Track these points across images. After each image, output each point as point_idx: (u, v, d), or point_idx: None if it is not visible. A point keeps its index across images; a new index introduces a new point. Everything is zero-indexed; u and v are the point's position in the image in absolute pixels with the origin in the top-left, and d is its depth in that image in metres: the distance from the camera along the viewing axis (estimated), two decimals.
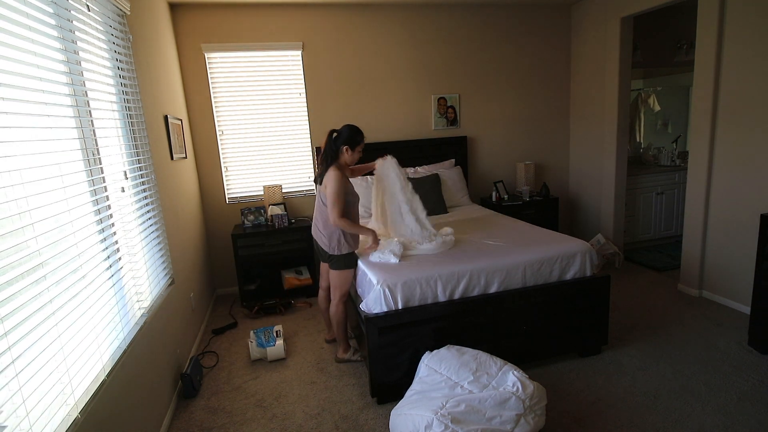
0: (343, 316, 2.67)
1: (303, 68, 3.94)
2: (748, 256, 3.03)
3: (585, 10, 4.27)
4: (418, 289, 2.29)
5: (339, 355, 2.76)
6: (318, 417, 2.25)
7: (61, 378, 1.37)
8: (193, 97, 3.79)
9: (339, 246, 2.54)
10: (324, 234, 2.57)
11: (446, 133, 4.38)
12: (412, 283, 2.28)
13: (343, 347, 2.74)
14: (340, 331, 2.69)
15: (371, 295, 2.28)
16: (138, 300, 2.13)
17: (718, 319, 3.01)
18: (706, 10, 3.09)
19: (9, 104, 1.27)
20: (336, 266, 2.58)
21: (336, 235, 2.54)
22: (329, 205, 2.45)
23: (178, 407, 2.40)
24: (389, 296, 2.24)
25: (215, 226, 4.02)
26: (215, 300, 3.99)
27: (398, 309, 2.26)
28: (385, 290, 2.24)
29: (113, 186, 2.01)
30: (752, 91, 2.88)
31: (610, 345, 2.75)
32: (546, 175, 4.75)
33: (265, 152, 4.02)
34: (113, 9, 2.16)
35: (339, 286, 2.62)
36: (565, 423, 2.09)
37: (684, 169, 4.44)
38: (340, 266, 2.58)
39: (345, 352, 2.74)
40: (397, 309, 2.25)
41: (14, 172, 1.25)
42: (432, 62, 4.21)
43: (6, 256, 1.17)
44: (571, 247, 2.55)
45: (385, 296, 2.24)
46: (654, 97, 4.86)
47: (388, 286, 2.24)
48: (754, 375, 2.37)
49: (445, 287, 2.32)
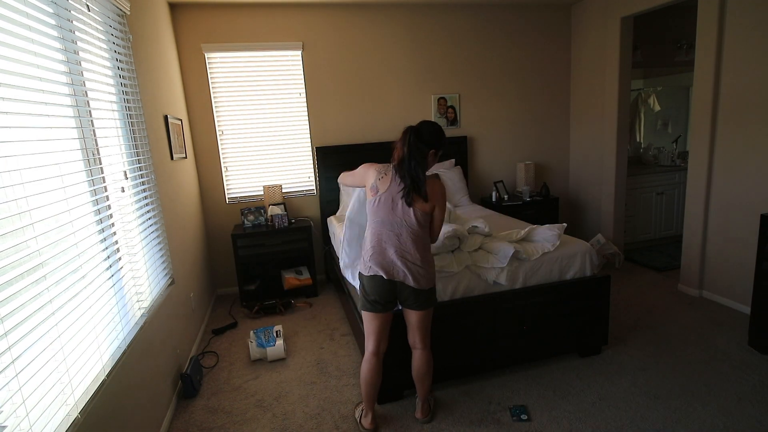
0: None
1: (303, 68, 3.94)
2: (748, 256, 3.03)
3: (585, 10, 4.27)
4: None
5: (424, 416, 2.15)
6: (318, 417, 2.25)
7: (61, 378, 1.36)
8: (193, 97, 3.79)
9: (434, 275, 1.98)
10: (423, 265, 1.89)
11: (446, 133, 4.35)
12: None
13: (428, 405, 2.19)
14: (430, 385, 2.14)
15: None
16: (138, 300, 2.13)
17: (718, 319, 3.01)
18: (706, 10, 3.09)
19: (9, 104, 1.27)
20: (430, 302, 1.97)
21: (431, 261, 1.96)
22: (440, 224, 1.93)
23: (178, 407, 2.40)
24: None
25: (215, 226, 4.02)
26: (215, 300, 3.99)
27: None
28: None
29: (113, 186, 2.01)
30: (752, 91, 2.88)
31: (610, 345, 2.75)
32: (546, 175, 4.75)
33: (265, 152, 4.02)
34: (113, 9, 2.16)
35: (429, 326, 2.03)
36: (565, 423, 2.09)
37: (684, 169, 4.44)
38: (433, 300, 2.00)
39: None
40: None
41: (14, 172, 1.25)
42: (432, 62, 4.21)
43: (6, 256, 1.17)
44: (571, 247, 2.55)
45: None
46: (654, 97, 4.87)
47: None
48: (754, 375, 2.37)
49: (446, 287, 2.32)
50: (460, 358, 2.38)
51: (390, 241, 1.86)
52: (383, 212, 1.86)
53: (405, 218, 1.85)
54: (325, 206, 4.09)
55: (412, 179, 1.82)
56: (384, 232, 1.87)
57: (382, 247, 1.87)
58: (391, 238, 1.86)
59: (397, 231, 1.86)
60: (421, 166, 1.83)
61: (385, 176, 1.88)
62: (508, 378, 2.47)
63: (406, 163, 1.83)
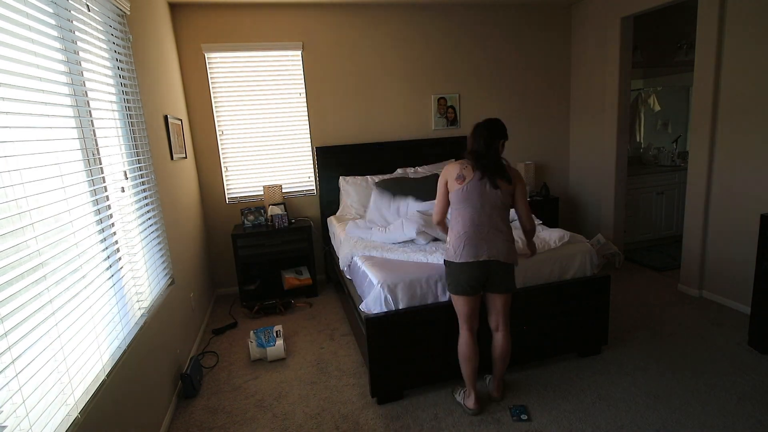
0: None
1: (303, 68, 3.94)
2: (748, 256, 3.03)
3: (585, 10, 4.27)
4: (419, 290, 2.28)
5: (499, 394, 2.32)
6: (318, 417, 2.25)
7: (61, 378, 1.37)
8: (193, 97, 3.79)
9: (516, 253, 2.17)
10: (510, 240, 2.11)
11: (446, 133, 4.38)
12: (412, 283, 2.28)
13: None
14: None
15: (371, 295, 2.28)
16: (138, 300, 2.13)
17: (718, 319, 3.01)
18: (706, 10, 3.08)
19: (9, 104, 1.27)
20: (513, 285, 2.17)
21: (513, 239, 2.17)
22: (527, 201, 2.17)
23: (178, 407, 2.40)
24: (389, 296, 2.23)
25: (215, 226, 4.02)
26: (215, 300, 3.99)
27: (398, 309, 2.25)
28: (385, 290, 2.23)
29: (113, 186, 2.01)
30: (752, 91, 2.88)
31: (610, 345, 2.75)
32: (546, 175, 4.75)
33: (265, 152, 4.02)
34: (113, 9, 2.16)
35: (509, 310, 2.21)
36: (565, 423, 2.09)
37: (684, 169, 4.44)
38: (514, 285, 2.18)
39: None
40: (397, 309, 2.25)
41: (14, 172, 1.25)
42: (432, 62, 4.21)
43: (6, 256, 1.17)
44: (571, 247, 2.55)
45: (385, 296, 2.23)
46: (654, 97, 4.87)
47: (388, 286, 2.24)
48: (754, 375, 2.37)
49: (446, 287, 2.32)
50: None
51: (482, 222, 2.07)
52: (474, 197, 2.06)
53: (494, 200, 2.07)
54: (325, 206, 4.09)
55: (495, 165, 2.07)
56: (475, 215, 2.07)
57: (474, 229, 2.06)
58: (483, 219, 2.07)
59: (488, 212, 2.08)
60: (498, 155, 2.10)
61: (468, 167, 2.09)
62: (508, 378, 2.47)
63: (486, 153, 2.07)
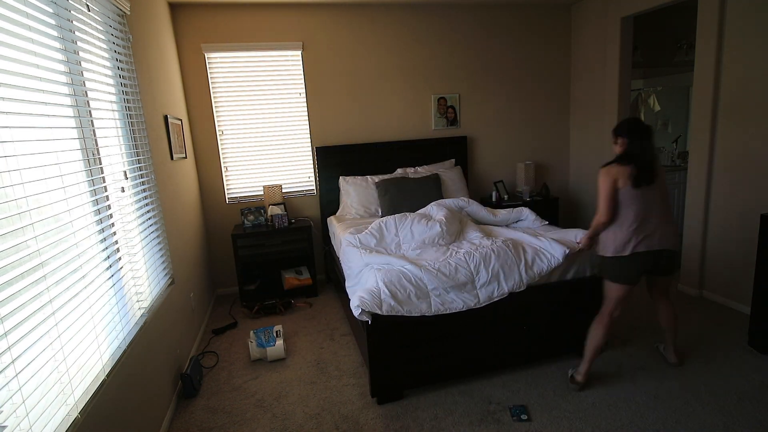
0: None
1: (303, 68, 3.94)
2: (748, 256, 3.03)
3: (585, 10, 4.27)
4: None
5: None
6: (318, 417, 2.25)
7: (61, 378, 1.37)
8: (193, 97, 3.79)
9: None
10: (675, 225, 2.27)
11: (446, 133, 4.38)
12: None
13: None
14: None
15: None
16: (138, 300, 2.13)
17: (718, 319, 3.01)
18: (706, 10, 3.09)
19: (9, 104, 1.27)
20: (675, 266, 2.34)
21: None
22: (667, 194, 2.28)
23: (178, 407, 2.40)
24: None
25: (215, 226, 4.02)
26: (215, 300, 3.99)
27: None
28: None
29: (113, 186, 2.01)
30: (752, 90, 2.88)
31: (610, 345, 2.75)
32: (546, 175, 4.75)
33: (265, 152, 4.02)
34: (113, 9, 2.16)
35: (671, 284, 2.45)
36: (565, 423, 2.09)
37: (684, 169, 4.44)
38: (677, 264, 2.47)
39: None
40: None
41: (14, 172, 1.25)
42: (432, 62, 4.21)
43: (6, 256, 1.17)
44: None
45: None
46: (654, 97, 4.87)
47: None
48: (754, 375, 2.37)
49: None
50: (460, 358, 2.38)
51: (654, 214, 2.20)
52: (646, 192, 2.18)
53: (659, 192, 2.22)
54: (325, 206, 4.09)
55: (652, 160, 2.19)
56: (646, 208, 2.19)
57: (645, 223, 2.19)
58: (654, 210, 2.20)
59: (658, 203, 2.22)
60: (653, 153, 2.21)
61: (628, 165, 2.18)
62: (508, 378, 2.47)
63: (643, 151, 2.17)
